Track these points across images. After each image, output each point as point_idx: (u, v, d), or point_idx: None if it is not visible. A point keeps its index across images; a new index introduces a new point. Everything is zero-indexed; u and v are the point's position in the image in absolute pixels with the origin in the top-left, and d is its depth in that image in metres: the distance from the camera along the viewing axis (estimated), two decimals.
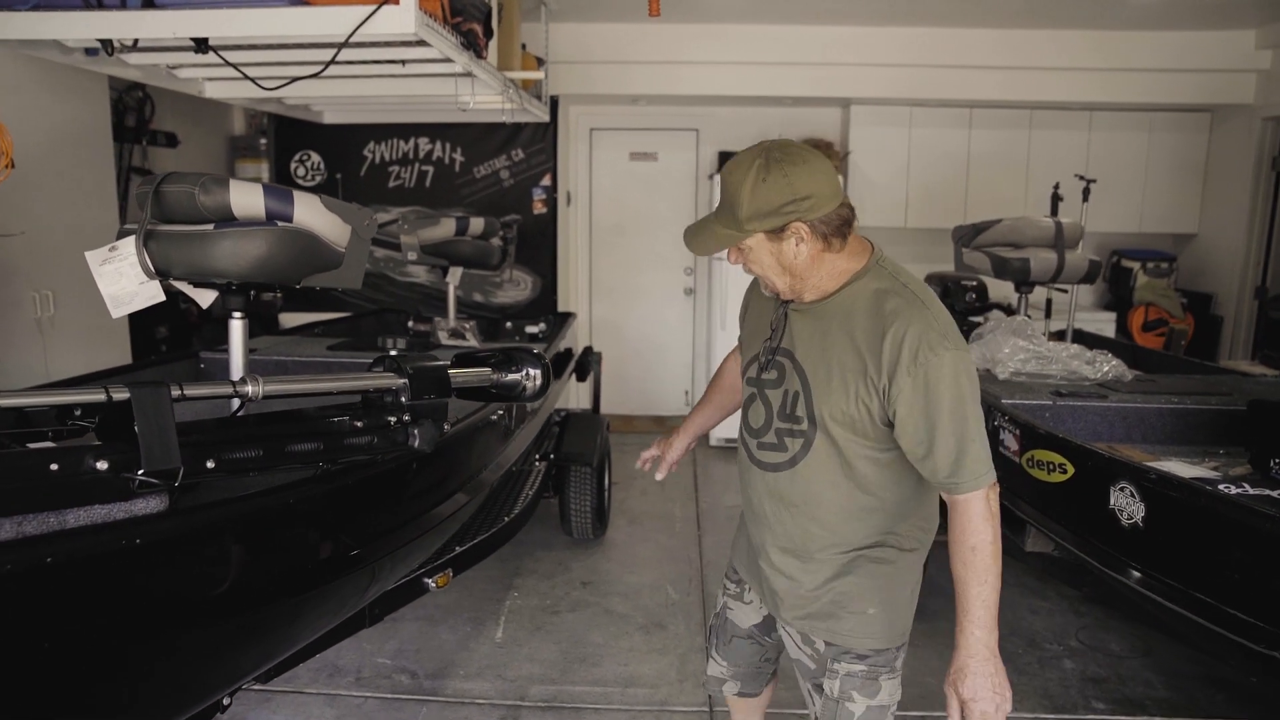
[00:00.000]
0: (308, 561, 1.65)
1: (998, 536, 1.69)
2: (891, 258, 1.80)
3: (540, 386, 2.02)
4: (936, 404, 1.63)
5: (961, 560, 1.67)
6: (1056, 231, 4.10)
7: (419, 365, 1.78)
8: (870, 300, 1.72)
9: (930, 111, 6.47)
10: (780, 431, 1.84)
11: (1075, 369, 3.39)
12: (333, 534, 1.72)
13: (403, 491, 1.95)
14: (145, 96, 5.68)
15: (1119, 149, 6.46)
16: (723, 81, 6.15)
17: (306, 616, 1.76)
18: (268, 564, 1.58)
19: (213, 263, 2.15)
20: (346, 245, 2.43)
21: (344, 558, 1.74)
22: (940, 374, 1.63)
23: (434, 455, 1.91)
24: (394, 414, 1.77)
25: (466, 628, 3.71)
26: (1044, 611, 3.90)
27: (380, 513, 1.88)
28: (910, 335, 1.64)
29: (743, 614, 2.17)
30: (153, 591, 1.39)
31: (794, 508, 1.85)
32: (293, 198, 2.28)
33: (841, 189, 1.72)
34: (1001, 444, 2.89)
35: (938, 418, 1.63)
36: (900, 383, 1.65)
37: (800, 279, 1.75)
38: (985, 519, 1.67)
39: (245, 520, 1.48)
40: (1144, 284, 6.54)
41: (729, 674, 2.24)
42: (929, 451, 1.66)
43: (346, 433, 1.67)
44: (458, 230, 4.57)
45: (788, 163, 1.65)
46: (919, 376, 1.63)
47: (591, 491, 4.41)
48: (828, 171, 1.68)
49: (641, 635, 3.66)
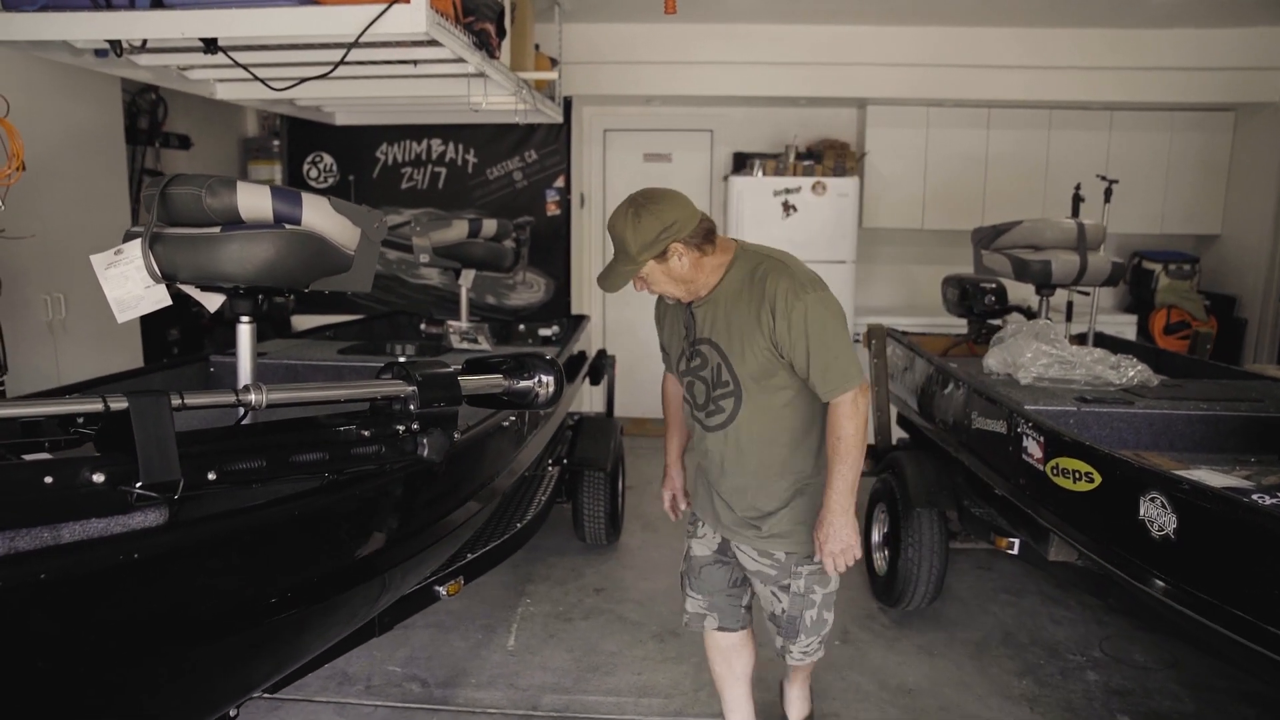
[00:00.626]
0: (315, 574, 1.60)
1: (860, 430, 2.19)
2: (754, 243, 2.33)
3: (554, 393, 1.97)
4: (806, 333, 2.13)
5: (832, 447, 2.20)
6: (1078, 233, 4.02)
7: (428, 372, 1.73)
8: (746, 277, 2.22)
9: (947, 112, 6.39)
10: (716, 398, 2.33)
11: (1099, 374, 3.31)
12: (340, 545, 1.67)
13: (412, 502, 1.90)
14: (158, 99, 5.67)
15: (1140, 149, 6.36)
16: (736, 82, 6.09)
17: (314, 629, 1.71)
18: (272, 577, 1.53)
19: (219, 266, 2.11)
20: (356, 248, 2.39)
21: (352, 569, 1.69)
22: (805, 312, 2.13)
23: (446, 463, 1.86)
24: (402, 422, 1.72)
25: (478, 635, 3.67)
26: (1066, 621, 3.82)
27: (390, 523, 1.83)
28: (780, 290, 2.15)
29: (701, 546, 2.59)
30: (152, 608, 1.34)
31: (743, 453, 2.34)
32: (301, 200, 2.24)
33: (696, 209, 2.19)
34: (1025, 451, 2.82)
35: (810, 343, 2.14)
36: (780, 325, 2.15)
37: (691, 283, 2.26)
38: (849, 416, 2.17)
39: (248, 533, 1.44)
40: (1166, 286, 6.44)
41: (706, 606, 2.62)
42: (808, 369, 2.17)
43: (353, 442, 1.62)
44: (470, 232, 4.53)
45: (651, 203, 2.14)
46: (792, 317, 2.14)
47: (605, 497, 4.36)
48: (683, 201, 2.18)
49: (655, 644, 3.61)
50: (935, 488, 3.65)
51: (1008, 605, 3.98)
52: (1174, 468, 2.46)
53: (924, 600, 3.72)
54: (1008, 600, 4.03)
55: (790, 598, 2.43)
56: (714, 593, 2.59)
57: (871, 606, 3.96)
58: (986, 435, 3.21)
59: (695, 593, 2.61)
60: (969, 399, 3.39)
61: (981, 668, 3.44)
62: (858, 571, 4.29)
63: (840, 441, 2.18)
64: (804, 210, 6.08)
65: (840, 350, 2.15)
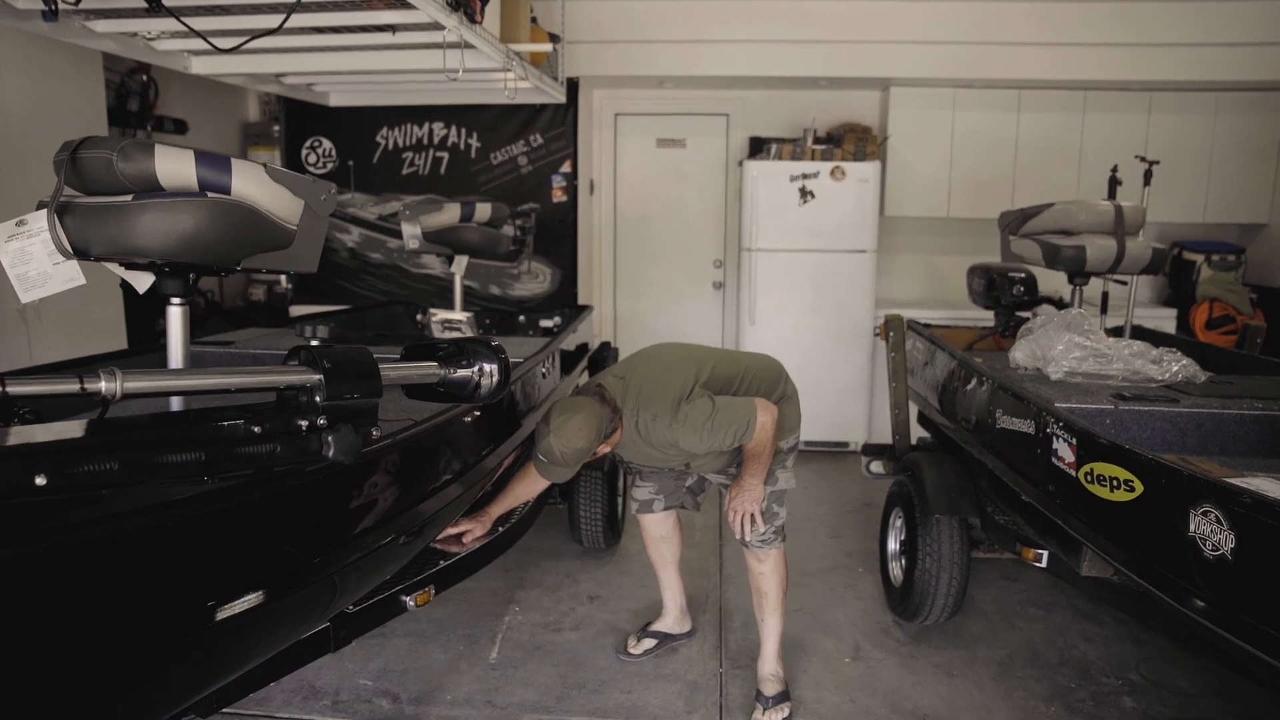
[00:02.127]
0: (195, 596, 1.34)
1: (764, 439, 2.76)
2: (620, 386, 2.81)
3: (497, 384, 1.71)
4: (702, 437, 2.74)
5: (746, 453, 2.82)
6: (1116, 216, 3.69)
7: (339, 358, 1.48)
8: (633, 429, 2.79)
9: (975, 93, 6.04)
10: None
11: (1139, 369, 2.99)
12: (231, 560, 1.42)
13: (325, 509, 1.64)
14: (149, 80, 5.48)
15: (1181, 132, 5.97)
16: (754, 61, 5.78)
17: (204, 652, 1.45)
18: (124, 602, 1.26)
19: (132, 239, 1.86)
20: (298, 222, 2.14)
21: (239, 588, 1.42)
22: (686, 428, 2.72)
23: (374, 465, 1.60)
24: (307, 417, 1.47)
25: (459, 646, 3.42)
26: (1099, 639, 3.50)
27: (292, 536, 1.57)
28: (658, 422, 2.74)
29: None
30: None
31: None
32: (230, 166, 1.98)
33: (597, 422, 2.64)
34: (1055, 454, 2.52)
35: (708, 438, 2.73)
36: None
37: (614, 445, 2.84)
38: (757, 441, 2.76)
39: (90, 550, 1.18)
40: (1208, 278, 6.05)
41: (654, 491, 3.24)
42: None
43: (240, 439, 1.37)
44: (463, 216, 4.28)
45: (566, 437, 2.56)
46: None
47: (603, 499, 4.09)
48: (587, 429, 2.59)
49: (649, 660, 3.34)
50: (956, 493, 3.35)
51: (1035, 620, 3.67)
52: (1227, 475, 2.14)
53: (943, 614, 3.42)
54: (1036, 614, 3.71)
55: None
56: (663, 478, 3.18)
57: (886, 620, 3.66)
58: (1012, 436, 2.91)
59: (644, 482, 3.23)
60: (993, 396, 3.08)
61: (1006, 690, 3.14)
62: (871, 582, 3.99)
63: (752, 454, 2.81)
64: (822, 197, 5.77)
65: (724, 419, 2.69)
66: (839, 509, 4.97)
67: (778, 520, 2.98)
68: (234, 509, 1.41)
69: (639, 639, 3.38)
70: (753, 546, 2.97)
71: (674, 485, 3.23)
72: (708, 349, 3.07)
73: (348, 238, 6.28)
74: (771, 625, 3.06)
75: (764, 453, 2.78)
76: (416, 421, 1.99)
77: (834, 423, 5.95)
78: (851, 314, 5.91)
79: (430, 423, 2.02)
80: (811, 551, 4.35)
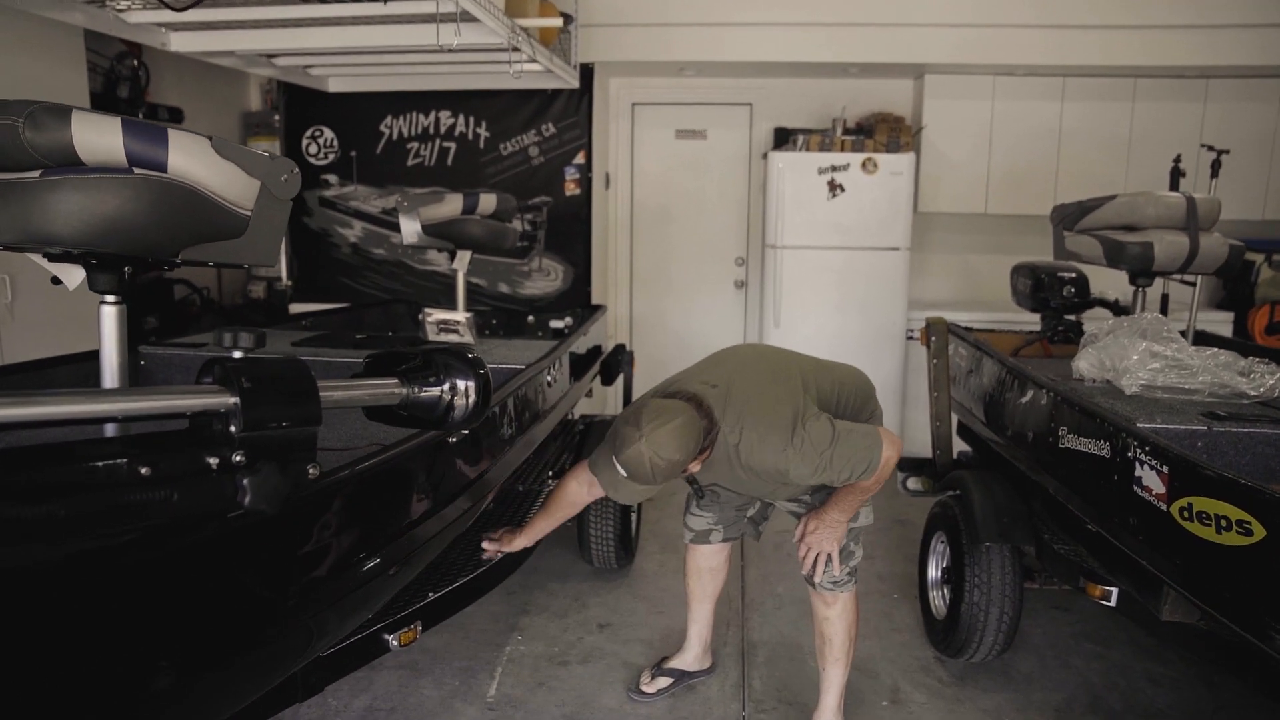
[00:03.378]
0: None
1: (883, 482, 2.43)
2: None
3: (475, 406, 1.38)
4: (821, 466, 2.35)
5: (848, 484, 2.42)
6: (1188, 209, 3.31)
7: (262, 375, 1.15)
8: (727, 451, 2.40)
9: (1016, 81, 5.66)
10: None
11: (1227, 381, 2.61)
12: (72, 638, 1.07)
13: (256, 562, 1.30)
14: (139, 64, 5.19)
15: (1240, 122, 5.56)
16: (778, 46, 5.42)
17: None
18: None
19: (42, 223, 1.55)
20: (253, 206, 1.82)
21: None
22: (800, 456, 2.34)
23: (317, 511, 1.26)
24: (219, 452, 1.14)
25: (454, 681, 3.09)
26: (1168, 681, 3.13)
27: (196, 609, 1.22)
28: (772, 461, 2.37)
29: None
30: None
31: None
32: (167, 138, 1.67)
33: (697, 431, 2.25)
34: (1139, 483, 2.15)
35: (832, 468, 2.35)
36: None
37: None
38: (879, 480, 2.42)
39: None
40: (1268, 279, 5.65)
41: (713, 522, 2.87)
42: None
43: (120, 484, 1.04)
44: (465, 208, 3.95)
45: (658, 449, 2.16)
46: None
47: (614, 516, 3.76)
48: (687, 433, 2.20)
49: (664, 699, 3.00)
50: (1009, 517, 2.99)
51: (1094, 658, 3.30)
52: None
53: (992, 652, 3.06)
54: (1093, 651, 3.34)
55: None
56: (724, 509, 2.82)
57: (927, 655, 3.30)
58: (1079, 457, 2.54)
59: (703, 511, 2.85)
60: (1055, 411, 2.72)
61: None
62: (910, 613, 3.63)
63: (856, 489, 2.45)
64: (852, 191, 5.40)
65: (845, 450, 2.32)
66: (872, 526, 4.59)
67: (854, 560, 2.64)
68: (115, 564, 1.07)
69: (654, 676, 3.04)
70: (821, 589, 2.63)
71: (735, 515, 2.87)
72: (794, 354, 2.67)
73: (350, 232, 5.98)
74: (833, 677, 2.72)
75: (870, 493, 2.45)
76: (387, 446, 1.66)
77: None
78: (882, 315, 5.54)
79: (401, 448, 1.67)
80: None
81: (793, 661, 3.24)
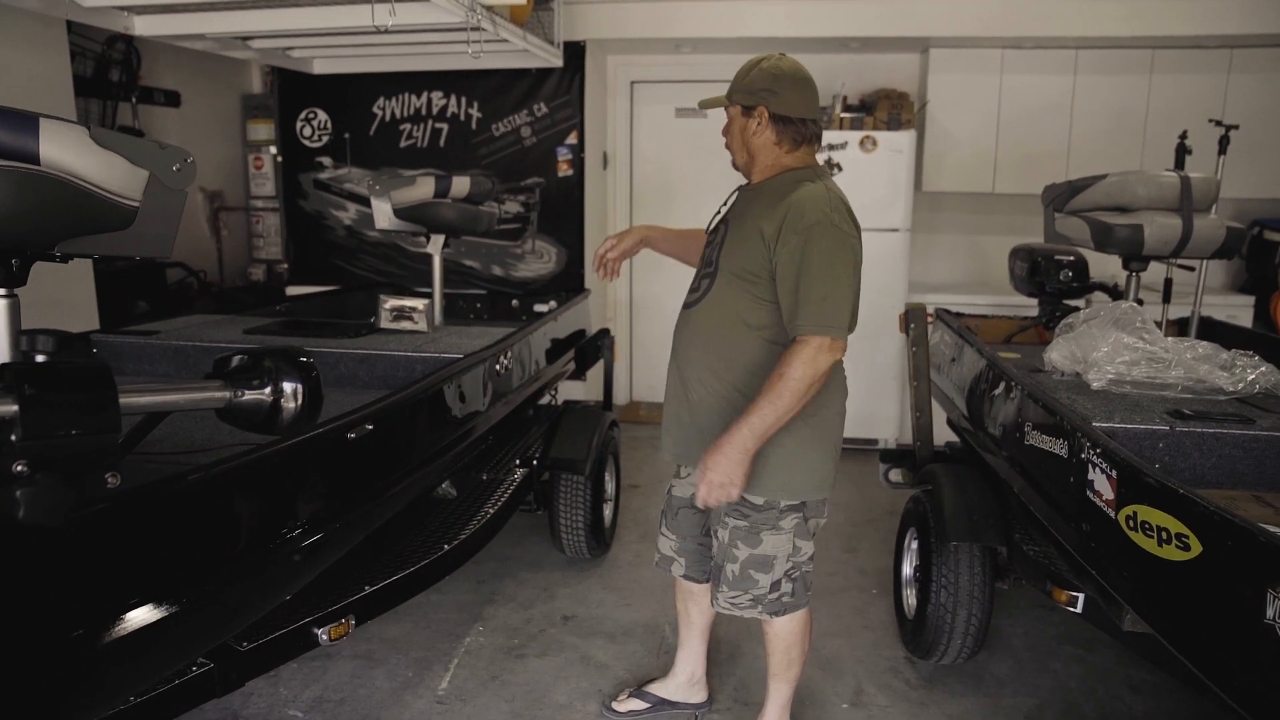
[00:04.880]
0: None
1: (806, 381, 2.03)
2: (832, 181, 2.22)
3: (301, 409, 1.31)
4: (803, 256, 2.06)
5: (769, 380, 2.06)
6: (1182, 189, 3.13)
7: (49, 382, 1.08)
8: (790, 182, 2.17)
9: (1026, 54, 5.42)
10: (699, 276, 2.36)
11: (1204, 376, 2.45)
12: None
13: (35, 580, 1.21)
14: (130, 48, 5.18)
15: (1265, 95, 5.27)
16: (777, 20, 5.24)
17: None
18: None
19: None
20: (141, 198, 1.75)
21: None
22: (812, 237, 2.05)
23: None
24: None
25: (408, 672, 3.05)
26: (1149, 689, 2.99)
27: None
28: (807, 207, 2.09)
29: (682, 488, 2.56)
30: None
31: (697, 344, 2.30)
32: (38, 127, 1.60)
33: (816, 107, 2.22)
34: (1090, 486, 2.02)
35: (801, 270, 2.05)
36: (785, 238, 2.08)
37: (752, 159, 2.28)
38: (803, 360, 2.03)
39: None
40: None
41: (675, 549, 2.60)
42: (789, 294, 2.08)
43: None
44: (437, 191, 3.89)
45: (784, 64, 2.22)
46: (801, 237, 2.06)
47: (584, 505, 3.68)
48: (808, 91, 2.22)
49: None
50: (979, 515, 2.86)
51: (1073, 661, 3.17)
52: None
53: (960, 656, 2.94)
54: (1073, 654, 3.21)
55: (717, 544, 2.37)
56: (686, 537, 2.58)
57: (897, 656, 3.19)
58: (1041, 456, 2.41)
59: (670, 533, 2.63)
60: (1022, 405, 2.58)
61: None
62: (885, 608, 3.52)
63: (780, 380, 2.04)
64: (850, 170, 5.23)
65: (829, 293, 2.04)
66: (858, 517, 4.49)
67: (755, 588, 2.31)
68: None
69: (629, 696, 2.84)
70: (717, 605, 2.39)
71: (697, 548, 2.56)
72: None
73: (344, 215, 5.94)
74: (774, 689, 2.57)
75: (789, 398, 2.01)
76: (259, 447, 1.59)
77: (862, 417, 5.42)
78: (882, 299, 5.35)
79: (270, 449, 1.60)
80: (821, 568, 3.87)
81: (757, 659, 3.15)
